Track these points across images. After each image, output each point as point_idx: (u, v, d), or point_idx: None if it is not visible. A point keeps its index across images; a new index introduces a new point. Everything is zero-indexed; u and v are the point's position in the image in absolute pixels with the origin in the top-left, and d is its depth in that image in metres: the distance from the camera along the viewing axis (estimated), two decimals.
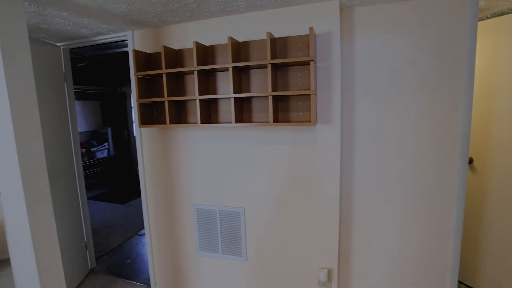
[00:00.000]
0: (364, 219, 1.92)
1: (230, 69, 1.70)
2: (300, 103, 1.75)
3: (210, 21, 1.92)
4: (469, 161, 2.16)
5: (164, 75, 1.87)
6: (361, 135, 1.84)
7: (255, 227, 2.04)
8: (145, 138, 2.25)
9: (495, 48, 1.98)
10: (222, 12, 1.80)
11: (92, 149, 6.01)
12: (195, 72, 1.79)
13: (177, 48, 2.00)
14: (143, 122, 2.03)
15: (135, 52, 1.96)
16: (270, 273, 2.06)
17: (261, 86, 1.83)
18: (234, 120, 1.73)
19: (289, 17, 1.74)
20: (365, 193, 1.89)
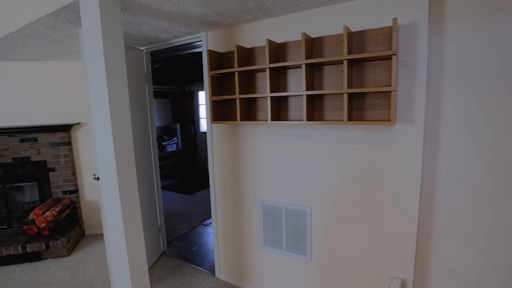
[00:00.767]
0: (447, 223, 1.72)
1: (303, 66, 1.67)
2: (378, 101, 1.64)
3: (282, 18, 1.92)
4: None
5: (236, 73, 1.93)
6: (447, 135, 1.64)
7: (322, 227, 1.99)
8: (215, 134, 2.37)
9: None
10: (295, 8, 1.78)
11: (163, 143, 6.62)
12: (267, 70, 1.80)
13: (248, 47, 2.05)
14: (215, 118, 2.13)
15: (209, 52, 2.06)
16: (334, 277, 1.99)
17: (334, 83, 1.76)
18: (306, 118, 1.71)
19: (368, 9, 1.63)
20: (449, 193, 1.68)
